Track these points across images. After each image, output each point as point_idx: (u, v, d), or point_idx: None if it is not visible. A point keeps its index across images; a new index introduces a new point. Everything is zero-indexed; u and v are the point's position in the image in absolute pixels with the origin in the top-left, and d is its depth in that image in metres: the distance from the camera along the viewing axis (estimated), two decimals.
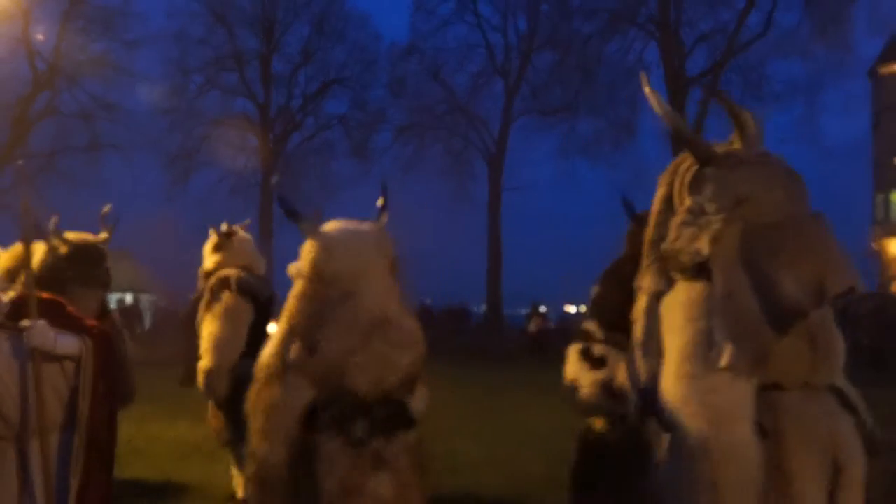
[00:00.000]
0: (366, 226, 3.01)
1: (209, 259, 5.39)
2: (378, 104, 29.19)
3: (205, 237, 5.48)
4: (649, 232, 2.41)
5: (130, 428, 6.31)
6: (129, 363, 4.05)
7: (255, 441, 2.76)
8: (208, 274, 5.34)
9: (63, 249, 3.86)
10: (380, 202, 3.19)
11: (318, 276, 2.79)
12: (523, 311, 24.28)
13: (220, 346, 4.95)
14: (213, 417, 5.26)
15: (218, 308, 5.03)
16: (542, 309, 25.70)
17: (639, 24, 25.97)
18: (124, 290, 28.68)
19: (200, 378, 5.01)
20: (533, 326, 22.96)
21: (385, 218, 3.16)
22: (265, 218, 27.87)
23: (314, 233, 2.88)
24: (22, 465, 2.47)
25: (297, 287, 2.87)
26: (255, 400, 2.80)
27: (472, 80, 28.02)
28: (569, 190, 42.07)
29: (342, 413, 2.64)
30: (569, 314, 34.43)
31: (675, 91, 25.15)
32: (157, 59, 26.48)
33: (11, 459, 2.46)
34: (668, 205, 2.37)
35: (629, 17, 25.73)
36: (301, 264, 2.87)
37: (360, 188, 27.29)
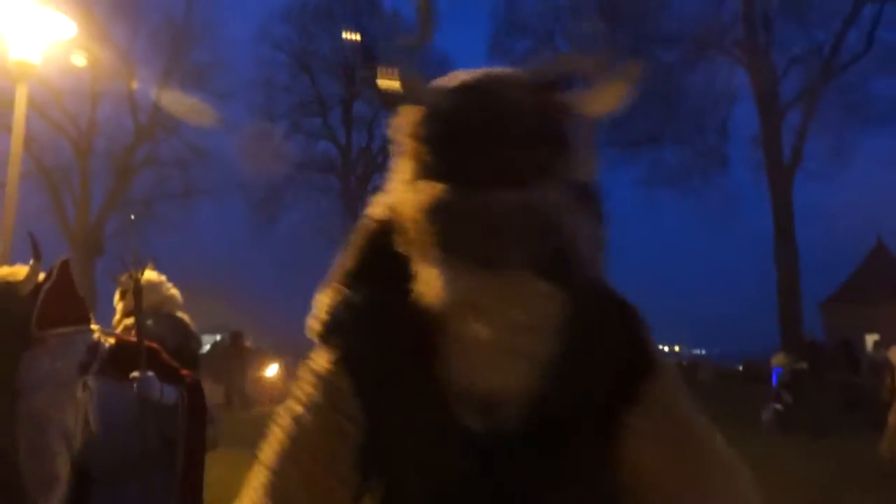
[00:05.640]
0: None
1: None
2: None
3: (290, 277, 4.87)
4: None
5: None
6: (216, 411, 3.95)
7: None
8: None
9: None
10: None
11: None
12: None
13: None
14: None
15: None
16: None
17: (725, 49, 25.08)
18: (215, 332, 29.42)
19: None
20: None
21: None
22: None
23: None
24: None
25: None
26: None
27: None
28: (654, 222, 40.94)
29: None
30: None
31: (769, 117, 24.07)
32: (245, 106, 27.57)
33: (105, 500, 2.63)
34: None
35: (715, 42, 24.90)
36: None
37: None
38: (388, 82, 1.17)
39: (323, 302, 1.23)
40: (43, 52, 4.81)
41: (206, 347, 28.07)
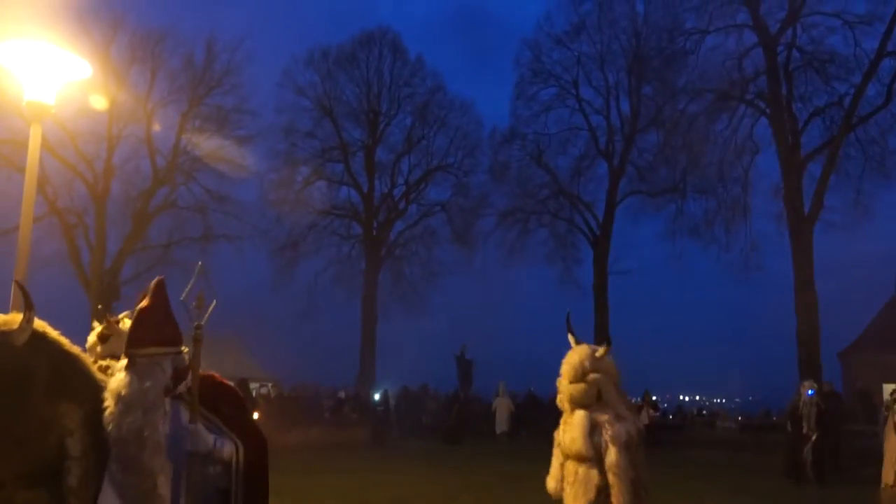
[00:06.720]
0: None
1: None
2: (480, 190, 29.24)
3: (310, 324, 4.84)
4: None
5: None
6: None
7: None
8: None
9: None
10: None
11: None
12: (633, 400, 22.87)
13: None
14: None
15: None
16: (654, 398, 24.29)
17: (747, 100, 25.02)
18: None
19: None
20: (645, 418, 21.60)
21: None
22: (369, 304, 27.96)
23: None
24: None
25: None
26: None
27: (575, 164, 27.71)
28: (677, 273, 40.44)
29: None
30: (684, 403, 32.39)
31: (790, 168, 23.85)
32: (266, 152, 27.58)
33: None
34: None
35: (737, 94, 24.86)
36: None
37: (462, 275, 27.01)
38: None
39: None
40: (58, 93, 4.76)
41: None
